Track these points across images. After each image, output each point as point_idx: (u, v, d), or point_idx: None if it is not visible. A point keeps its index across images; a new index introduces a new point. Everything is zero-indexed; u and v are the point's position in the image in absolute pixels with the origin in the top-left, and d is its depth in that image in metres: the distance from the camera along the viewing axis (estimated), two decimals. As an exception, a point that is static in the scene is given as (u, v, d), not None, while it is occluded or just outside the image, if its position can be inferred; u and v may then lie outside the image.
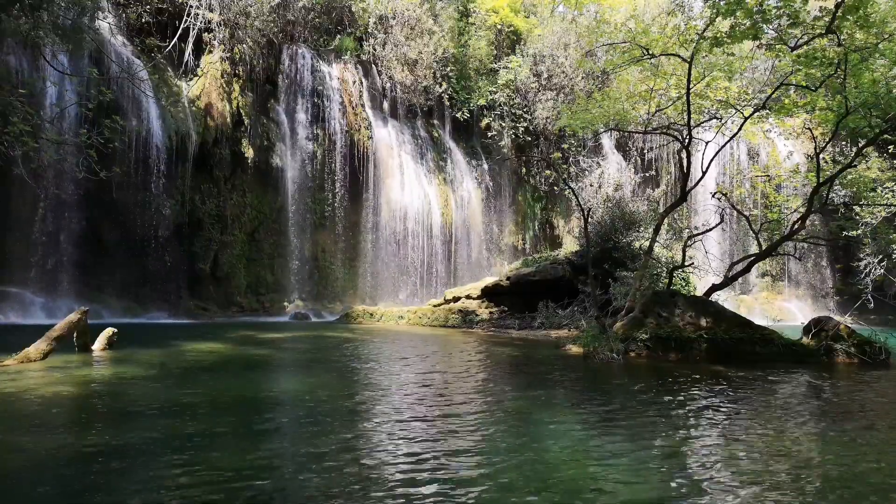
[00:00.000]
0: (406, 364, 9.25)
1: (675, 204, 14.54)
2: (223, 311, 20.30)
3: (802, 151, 26.15)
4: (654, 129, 15.89)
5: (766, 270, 27.62)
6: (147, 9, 19.76)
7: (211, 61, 20.88)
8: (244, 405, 5.87)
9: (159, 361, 8.53)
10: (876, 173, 17.51)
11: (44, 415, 5.23)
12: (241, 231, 21.39)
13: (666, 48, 12.60)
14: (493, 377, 8.22)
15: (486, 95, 26.95)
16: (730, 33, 10.70)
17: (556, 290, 17.34)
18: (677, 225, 26.57)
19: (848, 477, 3.92)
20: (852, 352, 9.84)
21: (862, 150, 12.46)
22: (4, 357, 7.76)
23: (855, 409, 6.22)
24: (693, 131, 12.96)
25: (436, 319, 17.92)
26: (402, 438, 4.59)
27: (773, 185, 23.48)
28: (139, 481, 3.54)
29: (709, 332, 10.18)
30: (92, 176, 13.19)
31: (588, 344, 10.30)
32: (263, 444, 4.45)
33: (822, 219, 23.69)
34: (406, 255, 24.31)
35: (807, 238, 14.89)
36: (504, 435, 4.80)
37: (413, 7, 25.70)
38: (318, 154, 23.06)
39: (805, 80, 11.76)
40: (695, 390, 7.11)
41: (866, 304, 20.97)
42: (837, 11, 10.06)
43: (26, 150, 12.52)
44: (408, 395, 6.57)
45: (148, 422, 4.99)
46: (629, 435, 4.85)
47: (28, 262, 16.95)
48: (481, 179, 27.41)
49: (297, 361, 9.92)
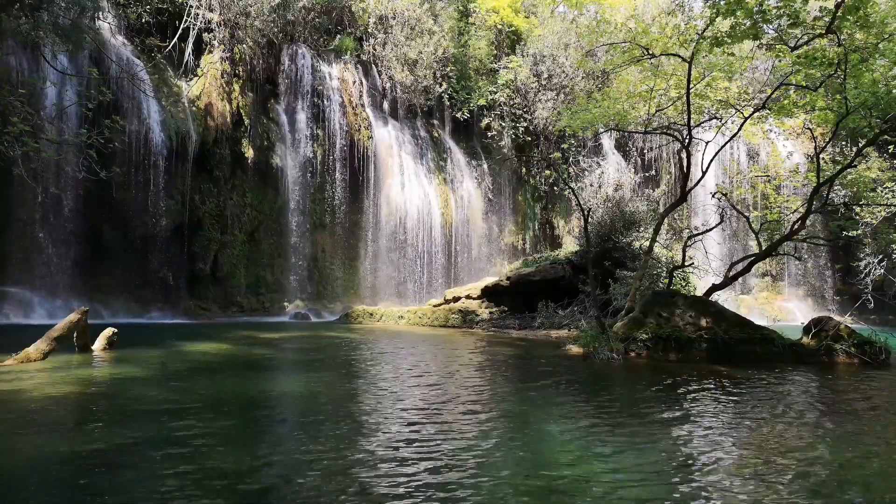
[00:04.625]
0: (406, 364, 9.25)
1: (675, 204, 14.54)
2: (223, 311, 20.30)
3: (802, 151, 26.15)
4: (654, 129, 15.89)
5: (766, 270, 27.62)
6: (147, 9, 19.76)
7: (211, 61, 20.88)
8: (244, 405, 5.86)
9: (159, 361, 8.53)
10: (876, 173, 17.52)
11: (44, 415, 5.23)
12: (241, 231, 21.39)
13: (666, 48, 12.60)
14: (493, 377, 8.22)
15: (486, 95, 26.95)
16: (730, 33, 10.70)
17: (556, 290, 17.34)
18: (677, 225, 26.60)
19: (849, 477, 3.92)
20: (852, 352, 9.84)
21: (862, 150, 12.46)
22: (4, 357, 7.76)
23: (855, 410, 6.22)
24: (693, 131, 12.96)
25: (436, 319, 17.92)
26: (401, 438, 4.59)
27: (773, 186, 23.48)
28: (139, 481, 3.54)
29: (709, 333, 10.18)
30: (92, 176, 13.20)
31: (588, 344, 10.29)
32: (263, 444, 4.45)
33: (822, 219, 23.69)
34: (406, 255, 24.32)
35: (807, 238, 14.87)
36: (504, 435, 4.80)
37: (413, 7, 25.70)
38: (318, 154, 23.06)
39: (805, 80, 11.77)
40: (695, 390, 7.11)
41: (866, 304, 20.97)
42: (837, 11, 10.06)
43: (26, 150, 12.53)
44: (407, 395, 6.57)
45: (148, 422, 4.99)
46: (629, 435, 4.85)
47: (28, 261, 16.95)
48: (481, 179, 27.40)
49: (297, 361, 9.92)
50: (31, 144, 12.45)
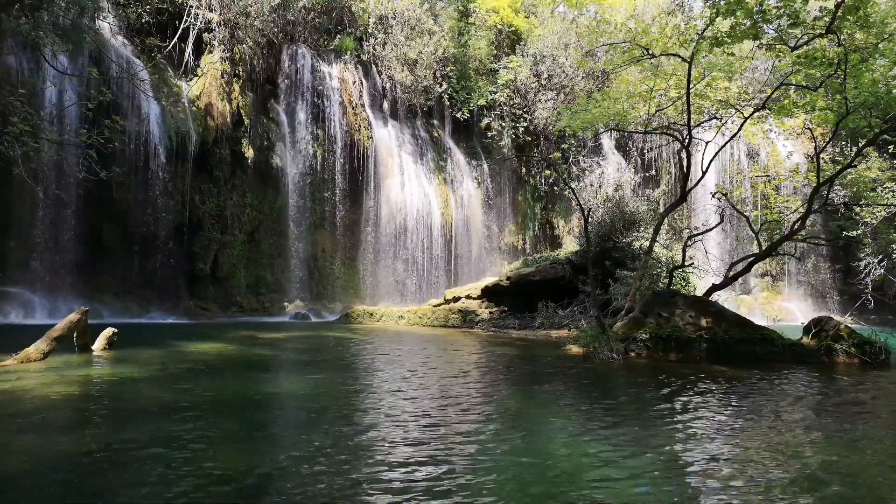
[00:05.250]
0: (406, 364, 9.25)
1: (675, 204, 14.54)
2: (223, 311, 20.30)
3: (802, 151, 26.16)
4: (654, 129, 15.90)
5: (766, 270, 27.62)
6: (147, 9, 19.76)
7: (211, 61, 20.89)
8: (244, 405, 5.86)
9: (159, 361, 8.53)
10: (876, 173, 17.52)
11: (44, 415, 5.23)
12: (241, 231, 21.39)
13: (666, 48, 12.60)
14: (493, 377, 8.22)
15: (486, 95, 26.96)
16: (730, 33, 10.70)
17: (556, 290, 17.34)
18: (677, 225, 26.61)
19: (849, 477, 3.92)
20: (852, 352, 9.84)
21: (862, 150, 12.46)
22: (4, 357, 7.76)
23: (855, 410, 6.22)
24: (693, 131, 12.96)
25: (436, 319, 17.92)
26: (401, 438, 4.59)
27: (773, 186, 23.48)
28: (139, 482, 3.53)
29: (709, 333, 10.18)
30: (92, 176, 13.20)
31: (588, 344, 10.29)
32: (264, 444, 4.45)
33: (822, 219, 23.69)
34: (406, 255, 24.32)
35: (807, 238, 14.88)
36: (504, 435, 4.80)
37: (413, 7, 25.70)
38: (318, 154, 23.07)
39: (805, 80, 11.77)
40: (695, 390, 7.10)
41: (866, 304, 20.98)
42: (837, 11, 10.06)
43: (26, 150, 12.53)
44: (407, 394, 6.57)
45: (148, 422, 4.99)
46: (629, 435, 4.85)
47: (28, 262, 16.95)
48: (481, 179, 27.41)
49: (297, 361, 9.92)
50: (31, 144, 12.46)
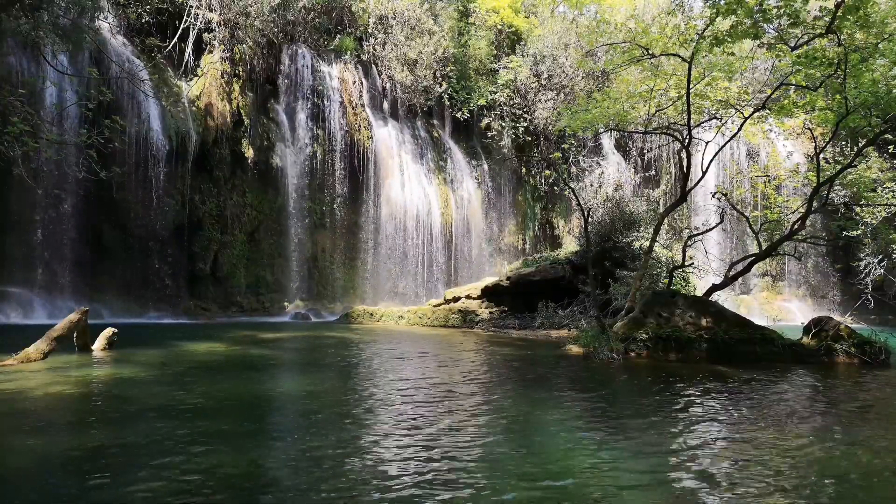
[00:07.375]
0: (406, 364, 9.25)
1: (675, 204, 14.54)
2: (223, 311, 20.31)
3: (802, 151, 26.15)
4: (654, 129, 15.89)
5: (766, 270, 27.62)
6: (147, 9, 19.77)
7: (211, 61, 20.89)
8: (244, 405, 5.86)
9: (159, 361, 8.53)
10: (876, 173, 17.50)
11: (44, 415, 5.23)
12: (241, 231, 21.39)
13: (666, 48, 12.59)
14: (493, 377, 8.22)
15: (486, 95, 26.95)
16: (730, 33, 10.69)
17: (556, 290, 17.33)
18: (677, 225, 26.62)
19: (850, 477, 3.92)
20: (852, 352, 9.83)
21: (862, 150, 12.45)
22: (4, 357, 7.76)
23: (855, 409, 6.22)
24: (693, 131, 12.96)
25: (436, 319, 17.92)
26: (401, 439, 4.59)
27: (773, 186, 23.47)
28: (139, 481, 3.53)
29: (709, 332, 10.17)
30: (92, 176, 13.19)
31: (588, 344, 10.29)
32: (263, 444, 4.45)
33: (822, 219, 23.69)
34: (406, 255, 24.32)
35: (807, 238, 14.87)
36: (504, 435, 4.80)
37: (413, 7, 25.70)
38: (318, 154, 23.07)
39: (805, 80, 11.76)
40: (695, 390, 7.10)
41: (866, 304, 20.98)
42: (837, 11, 10.05)
43: (26, 150, 12.52)
44: (407, 395, 6.57)
45: (148, 422, 4.99)
46: (629, 435, 4.85)
47: (28, 261, 16.95)
48: (481, 179, 27.41)
49: (297, 361, 9.92)
50: (31, 144, 12.45)
